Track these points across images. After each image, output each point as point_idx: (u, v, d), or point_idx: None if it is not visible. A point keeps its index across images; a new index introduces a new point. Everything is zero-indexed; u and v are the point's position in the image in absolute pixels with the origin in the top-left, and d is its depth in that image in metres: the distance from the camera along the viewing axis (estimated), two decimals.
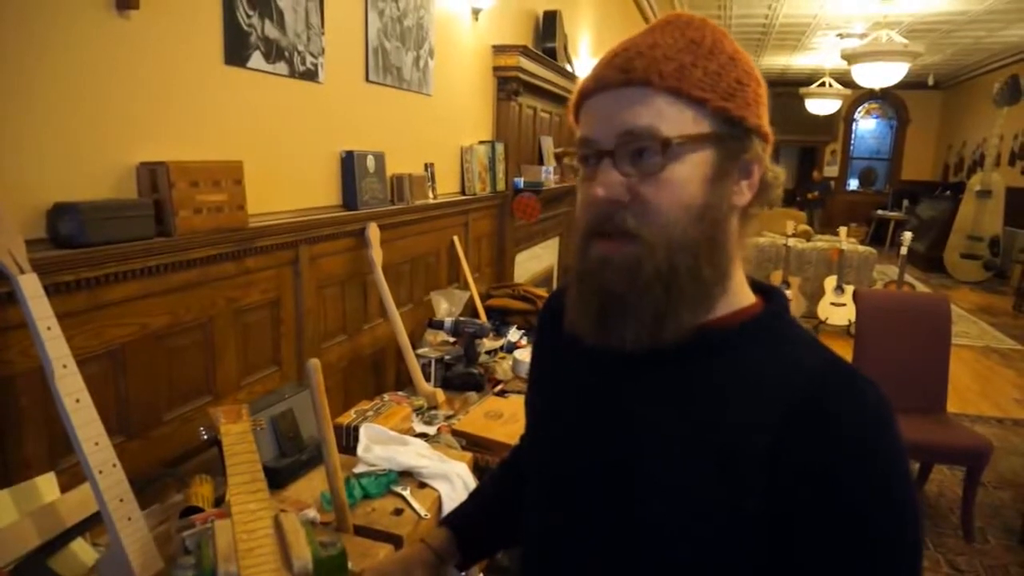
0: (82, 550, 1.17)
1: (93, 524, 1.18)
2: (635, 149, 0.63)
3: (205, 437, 1.27)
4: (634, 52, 0.65)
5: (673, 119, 0.63)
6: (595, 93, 0.67)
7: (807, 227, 6.80)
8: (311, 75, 2.00)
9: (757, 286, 0.73)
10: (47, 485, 1.19)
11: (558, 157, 4.22)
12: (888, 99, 12.70)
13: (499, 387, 2.40)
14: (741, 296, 0.70)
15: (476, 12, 3.17)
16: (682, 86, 0.63)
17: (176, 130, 1.55)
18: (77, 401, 1.08)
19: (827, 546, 0.59)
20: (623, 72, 0.64)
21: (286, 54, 1.88)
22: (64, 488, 1.20)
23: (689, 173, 0.63)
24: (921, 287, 8.08)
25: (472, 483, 1.66)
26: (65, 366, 1.09)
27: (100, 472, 1.08)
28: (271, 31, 1.81)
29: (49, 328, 1.09)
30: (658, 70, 0.63)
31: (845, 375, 0.64)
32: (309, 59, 1.99)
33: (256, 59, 1.77)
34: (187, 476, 1.47)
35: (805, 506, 0.59)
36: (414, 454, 1.68)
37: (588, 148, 0.67)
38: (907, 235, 5.50)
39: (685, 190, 0.63)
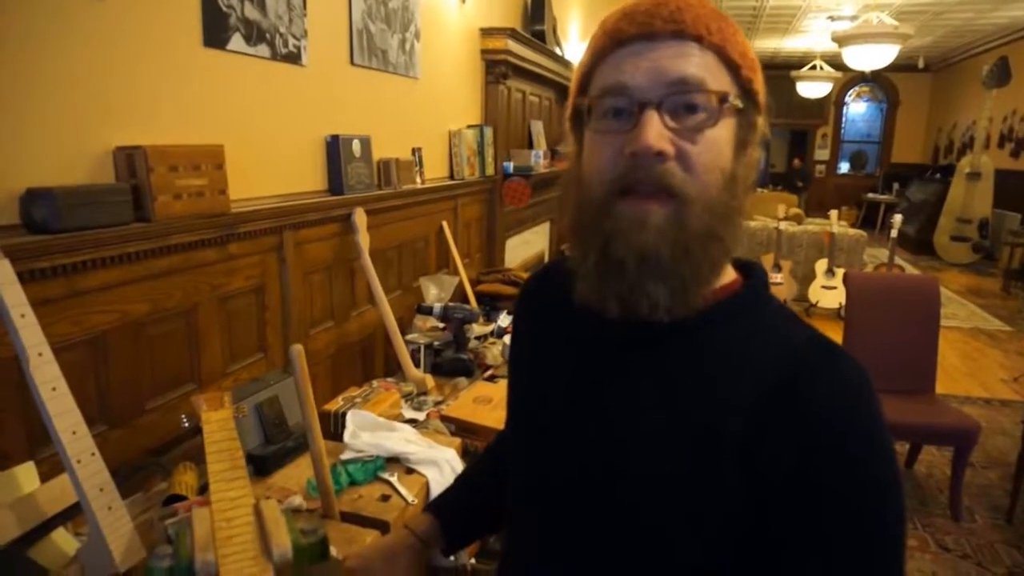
0: (63, 540, 1.16)
1: (74, 513, 1.16)
2: (684, 103, 0.60)
3: (187, 425, 1.25)
4: (675, 6, 0.62)
5: (718, 77, 0.62)
6: (635, 41, 0.62)
7: (798, 210, 6.80)
8: (294, 58, 1.97)
9: (735, 262, 0.72)
10: (26, 475, 1.17)
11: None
12: (878, 82, 12.68)
13: (489, 372, 2.39)
14: (724, 272, 0.69)
15: None
16: (726, 47, 0.62)
17: (154, 114, 1.52)
18: (53, 389, 1.06)
19: (807, 526, 0.58)
20: (672, 22, 0.61)
21: (267, 36, 1.85)
22: (44, 478, 1.19)
23: (725, 136, 0.63)
24: (911, 269, 8.11)
25: (460, 469, 1.65)
26: (40, 354, 1.06)
27: (78, 462, 1.06)
28: (251, 12, 1.77)
29: (23, 315, 1.06)
30: (707, 26, 0.62)
31: (824, 352, 0.63)
32: (292, 41, 1.95)
33: (236, 41, 1.73)
34: (171, 464, 1.45)
35: (785, 485, 0.58)
36: (402, 440, 1.67)
37: (622, 98, 0.61)
38: (897, 218, 5.51)
39: (722, 153, 0.62)
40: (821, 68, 9.60)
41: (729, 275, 0.69)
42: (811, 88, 10.17)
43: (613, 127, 0.62)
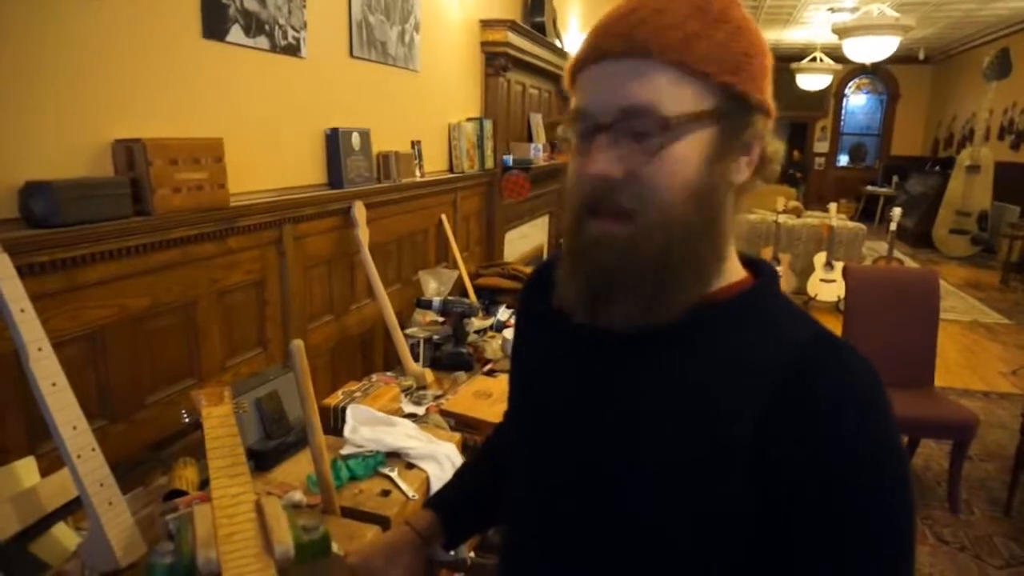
0: (64, 535, 1.16)
1: (75, 508, 1.16)
2: (634, 126, 0.60)
3: (187, 420, 1.25)
4: (637, 19, 0.61)
5: (675, 95, 0.60)
6: (593, 62, 0.63)
7: (797, 203, 6.79)
8: (293, 50, 1.96)
9: (746, 260, 0.72)
10: (27, 470, 1.17)
11: (552, 126, 4.17)
12: (878, 74, 12.64)
13: (488, 366, 2.39)
14: (732, 271, 0.68)
15: None
16: (685, 59, 0.60)
17: (153, 106, 1.51)
18: (53, 385, 1.06)
19: (817, 525, 0.58)
20: (624, 40, 0.61)
21: (267, 28, 1.83)
22: (44, 472, 1.18)
23: (689, 151, 0.61)
24: (910, 262, 8.12)
25: (460, 463, 1.65)
26: (40, 349, 1.06)
27: (79, 457, 1.06)
28: (251, 4, 1.76)
29: (22, 310, 1.06)
30: (661, 41, 0.59)
31: (833, 350, 0.62)
32: (291, 33, 1.94)
33: (235, 33, 1.72)
34: (172, 459, 1.45)
35: (794, 484, 0.58)
36: (402, 435, 1.67)
37: (584, 121, 0.63)
38: (896, 211, 5.51)
39: (684, 169, 0.61)
40: (821, 60, 9.57)
41: (737, 273, 0.69)
42: (811, 80, 10.14)
43: (581, 148, 0.64)
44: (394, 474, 1.53)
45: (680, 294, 0.62)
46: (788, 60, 10.50)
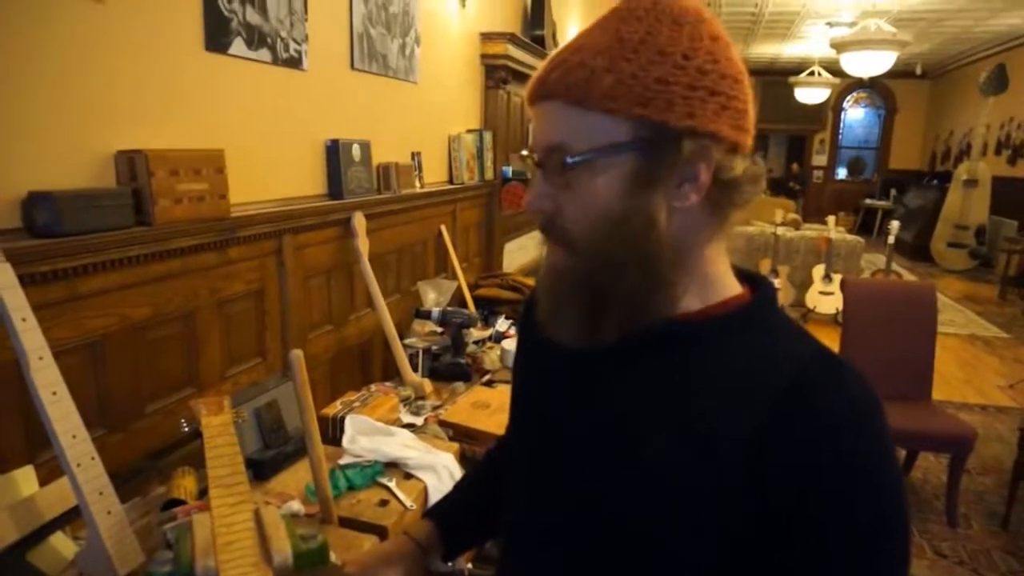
0: (62, 544, 1.16)
1: (73, 517, 1.16)
2: (553, 162, 0.64)
3: (186, 429, 1.25)
4: (556, 61, 0.65)
5: (585, 132, 0.62)
6: (531, 104, 0.68)
7: (796, 216, 6.81)
8: (295, 62, 1.98)
9: (744, 275, 0.72)
10: (26, 478, 1.17)
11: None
12: (876, 88, 12.72)
13: (487, 377, 2.39)
14: (722, 287, 0.69)
15: None
16: (587, 98, 0.61)
17: (155, 118, 1.52)
18: (54, 394, 1.06)
19: (811, 541, 0.59)
20: (541, 85, 0.66)
21: (269, 40, 1.85)
22: (43, 481, 1.18)
23: (605, 184, 0.62)
24: (908, 276, 8.13)
25: (459, 474, 1.66)
26: (41, 358, 1.06)
27: (78, 466, 1.06)
28: (253, 17, 1.78)
29: (24, 319, 1.06)
30: (566, 82, 0.63)
31: (830, 367, 0.63)
32: (292, 46, 1.96)
33: (238, 45, 1.74)
34: (170, 468, 1.45)
35: (788, 500, 0.58)
36: (400, 445, 1.67)
37: (530, 157, 0.69)
38: (894, 224, 5.53)
39: (599, 201, 0.63)
40: (819, 74, 9.62)
41: (733, 289, 0.69)
42: (809, 94, 10.19)
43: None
44: (392, 484, 1.53)
45: (619, 314, 0.65)
46: (786, 74, 10.58)
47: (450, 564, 0.98)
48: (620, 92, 0.60)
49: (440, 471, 1.61)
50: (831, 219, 6.00)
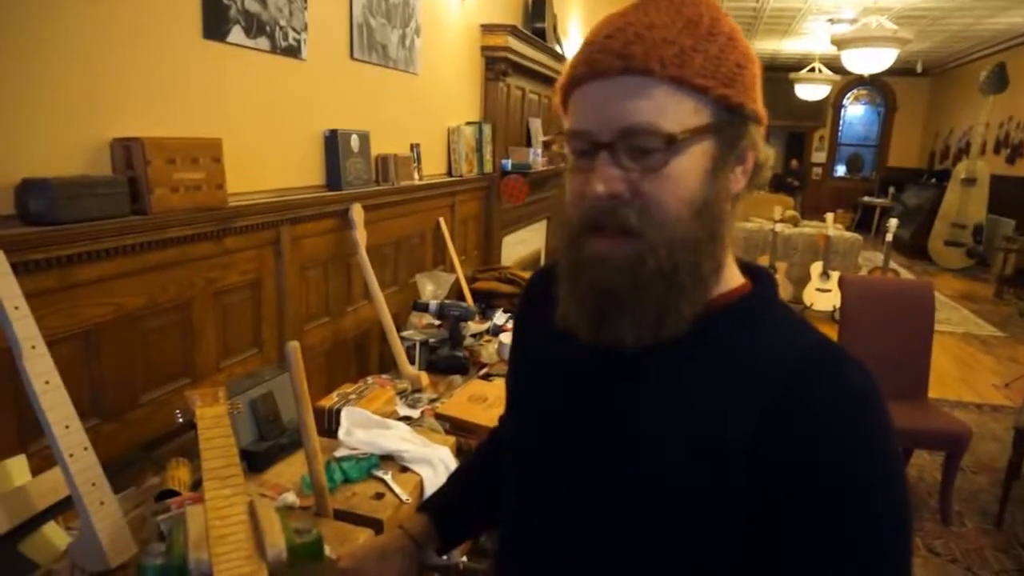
0: (54, 534, 1.15)
1: (66, 508, 1.15)
2: (635, 144, 0.60)
3: (181, 420, 1.24)
4: (631, 34, 0.60)
5: (674, 111, 0.60)
6: (589, 80, 0.62)
7: (794, 212, 6.81)
8: (294, 51, 1.96)
9: (745, 266, 0.72)
10: (18, 468, 1.16)
11: (546, 144, 4.18)
12: (876, 85, 12.71)
13: (484, 370, 2.39)
14: (731, 278, 0.68)
15: None
16: (684, 74, 0.59)
17: (152, 105, 1.51)
18: (47, 383, 1.05)
19: (813, 533, 0.58)
20: (620, 58, 0.60)
21: (267, 29, 1.84)
22: (36, 471, 1.18)
23: (691, 167, 0.61)
24: (906, 273, 8.15)
25: (454, 467, 1.65)
26: (34, 347, 1.06)
27: (71, 456, 1.05)
28: (252, 5, 1.76)
29: (17, 307, 1.05)
30: (659, 56, 0.59)
31: (833, 358, 0.63)
32: (292, 35, 1.94)
33: (236, 34, 1.72)
34: (164, 459, 1.44)
35: (791, 491, 0.58)
36: (396, 438, 1.67)
37: (582, 140, 0.63)
38: (893, 222, 5.53)
39: (687, 185, 0.61)
40: (820, 71, 9.61)
41: (736, 280, 0.69)
42: (809, 90, 10.17)
43: (581, 166, 0.63)
44: (388, 477, 1.53)
45: (685, 307, 0.62)
46: (787, 70, 10.54)
47: (445, 557, 0.98)
48: (710, 71, 0.60)
49: (436, 464, 1.61)
50: (829, 216, 6.00)
